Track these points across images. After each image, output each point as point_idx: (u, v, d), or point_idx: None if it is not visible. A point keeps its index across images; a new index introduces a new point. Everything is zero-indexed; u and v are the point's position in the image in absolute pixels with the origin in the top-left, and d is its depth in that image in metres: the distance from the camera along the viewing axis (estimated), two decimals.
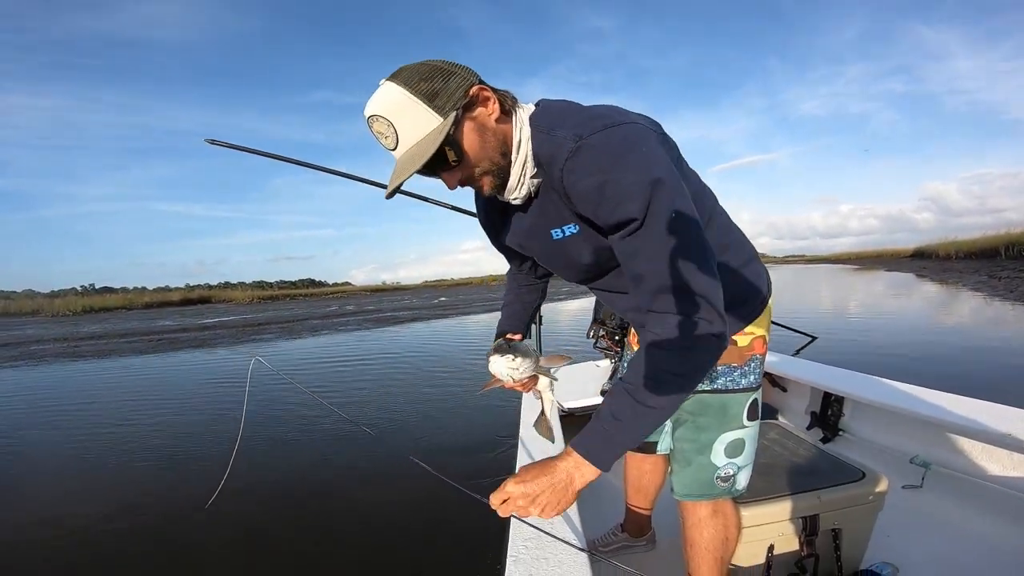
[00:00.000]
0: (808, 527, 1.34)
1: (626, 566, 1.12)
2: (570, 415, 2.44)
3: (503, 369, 0.97)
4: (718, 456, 1.08)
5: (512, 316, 1.21)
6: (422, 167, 0.77)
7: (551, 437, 1.12)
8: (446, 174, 0.82)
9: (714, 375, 1.08)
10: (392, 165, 0.81)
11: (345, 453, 3.71)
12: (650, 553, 1.66)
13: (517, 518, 1.25)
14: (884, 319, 8.47)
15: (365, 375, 6.64)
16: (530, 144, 0.83)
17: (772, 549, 1.35)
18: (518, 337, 1.13)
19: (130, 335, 15.47)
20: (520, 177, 0.85)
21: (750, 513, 1.31)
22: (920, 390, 2.01)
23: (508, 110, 0.84)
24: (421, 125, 0.76)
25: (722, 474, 1.08)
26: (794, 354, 5.75)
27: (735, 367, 1.08)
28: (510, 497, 0.79)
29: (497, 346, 0.99)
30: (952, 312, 9.00)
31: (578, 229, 0.86)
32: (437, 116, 0.76)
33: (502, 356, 0.96)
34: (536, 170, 0.85)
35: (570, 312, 13.26)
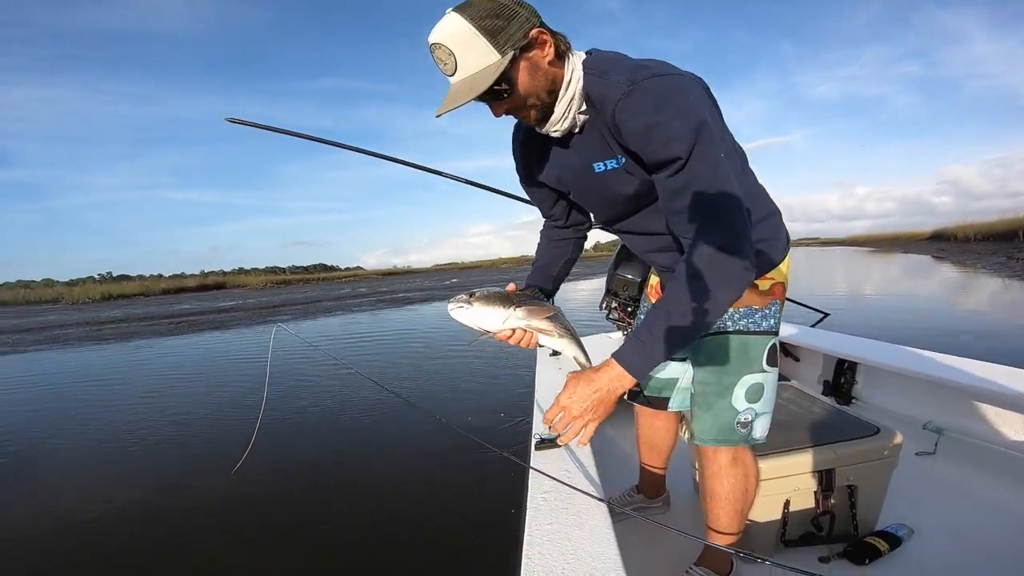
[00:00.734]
0: (824, 482, 1.35)
1: (647, 518, 1.13)
2: None
3: (456, 315, 0.98)
4: (739, 400, 1.09)
5: (536, 271, 1.23)
6: (479, 97, 0.84)
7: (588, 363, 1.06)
8: (495, 103, 0.89)
9: (736, 316, 1.10)
10: (445, 91, 0.88)
11: (367, 416, 3.84)
12: (665, 514, 1.69)
13: (548, 444, 1.32)
14: (898, 297, 8.37)
15: (381, 348, 6.76)
16: (580, 84, 0.90)
17: (788, 505, 1.36)
18: (510, 288, 1.09)
19: (150, 318, 15.77)
20: (565, 112, 0.91)
21: (766, 465, 1.32)
22: (934, 355, 1.99)
23: (562, 53, 0.90)
24: (480, 58, 0.82)
25: (742, 419, 1.10)
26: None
27: (755, 309, 1.10)
28: (565, 407, 0.90)
29: (457, 296, 1.00)
30: (966, 290, 8.86)
31: (623, 162, 0.93)
32: (496, 53, 0.82)
33: (455, 304, 0.98)
34: (584, 107, 0.92)
35: (583, 289, 13.28)
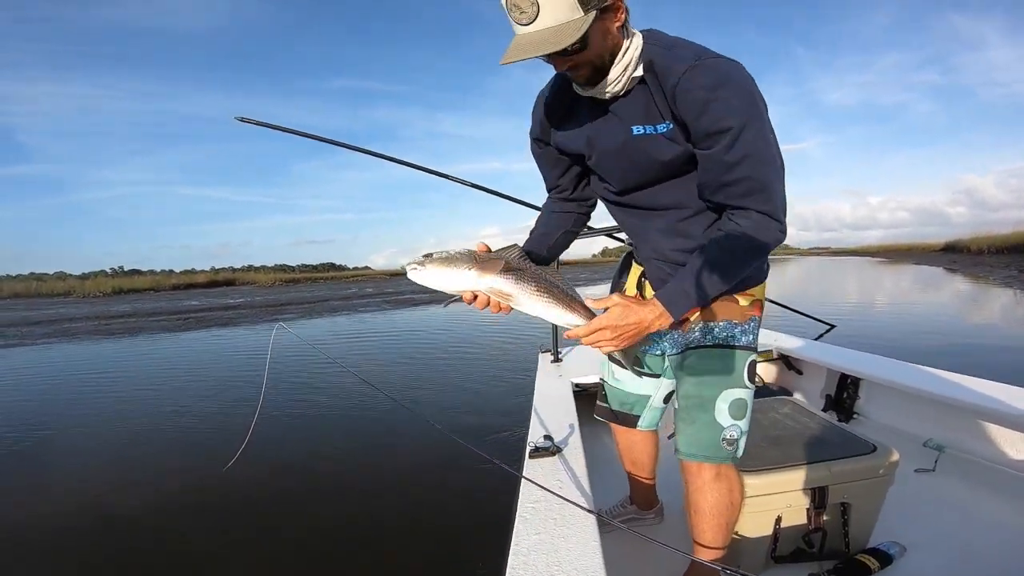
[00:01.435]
0: (817, 499, 1.35)
1: (634, 530, 1.13)
2: (583, 391, 2.44)
3: (412, 277, 0.96)
4: (723, 415, 1.10)
5: (533, 238, 1.22)
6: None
7: (587, 317, 1.01)
8: (561, 59, 0.91)
9: (716, 330, 1.11)
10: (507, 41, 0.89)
11: (362, 418, 3.87)
12: (658, 526, 1.69)
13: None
14: (906, 310, 8.29)
15: (383, 349, 6.79)
16: (638, 52, 0.95)
17: (780, 521, 1.36)
18: (480, 247, 1.01)
19: (158, 314, 15.92)
20: (619, 76, 0.95)
21: (759, 481, 1.32)
22: (937, 372, 1.99)
23: (625, 24, 0.94)
24: (563, 12, 0.83)
25: (727, 436, 1.11)
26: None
27: (736, 323, 1.12)
28: (600, 328, 0.95)
29: (416, 257, 0.97)
30: (975, 303, 8.76)
31: (669, 128, 0.96)
32: (580, 10, 0.84)
33: (411, 265, 0.95)
34: (640, 72, 0.96)
35: (590, 295, 13.23)
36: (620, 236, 2.87)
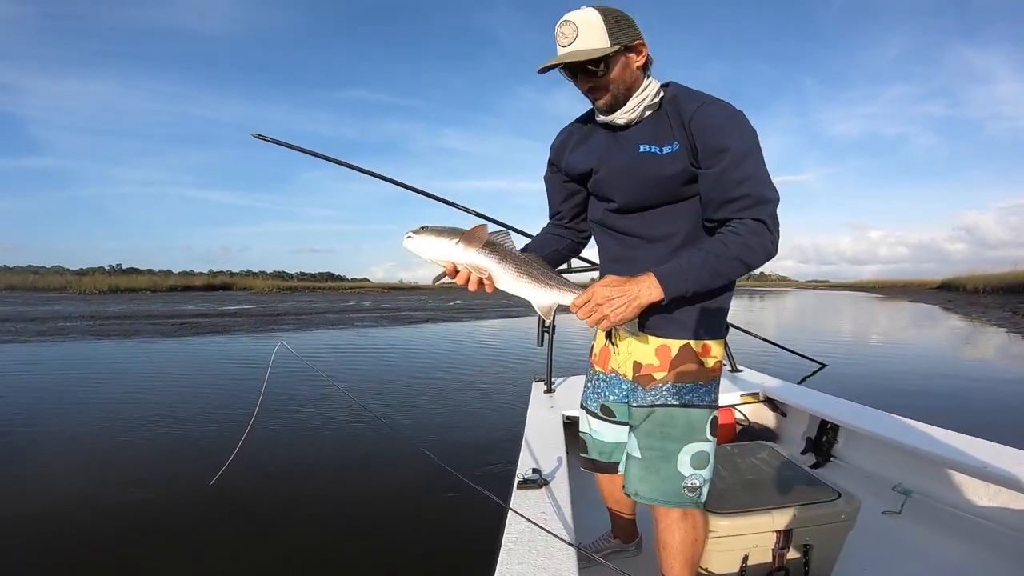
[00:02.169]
0: (782, 540, 1.45)
1: (610, 563, 1.21)
2: (573, 423, 2.51)
3: (406, 245, 1.08)
4: (684, 466, 1.19)
5: (526, 250, 1.32)
6: (577, 65, 1.12)
7: (567, 293, 1.11)
8: (586, 78, 1.15)
9: (683, 391, 1.20)
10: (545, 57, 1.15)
11: (356, 441, 3.86)
12: (638, 557, 1.76)
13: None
14: (898, 351, 8.40)
15: (380, 370, 6.81)
16: (655, 91, 1.18)
17: (746, 559, 1.45)
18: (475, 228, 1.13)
19: (154, 317, 15.93)
20: (636, 106, 1.17)
21: (730, 523, 1.42)
22: (908, 421, 2.10)
23: (646, 67, 1.19)
24: (595, 41, 1.09)
25: (689, 484, 1.19)
26: (801, 381, 5.82)
27: (700, 385, 1.21)
28: (592, 297, 1.05)
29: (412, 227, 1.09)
30: (967, 347, 8.87)
31: (676, 148, 1.13)
32: (607, 42, 1.09)
33: (407, 234, 1.07)
34: (656, 106, 1.18)
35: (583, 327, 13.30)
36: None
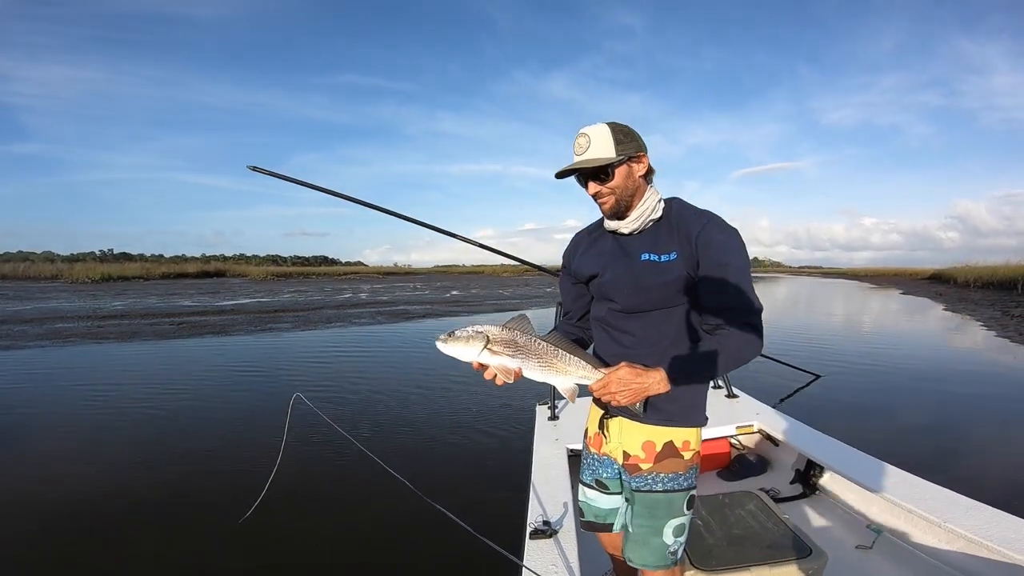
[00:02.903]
0: None
1: None
2: (577, 456, 2.57)
3: (440, 347, 1.21)
4: (668, 537, 1.41)
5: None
6: (588, 171, 1.31)
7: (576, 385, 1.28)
8: (594, 182, 1.33)
9: (666, 480, 1.41)
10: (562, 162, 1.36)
11: (375, 495, 3.63)
12: None
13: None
14: (890, 365, 8.50)
15: (377, 389, 6.75)
16: (657, 203, 1.36)
17: None
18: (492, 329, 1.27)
19: (152, 316, 15.87)
20: (639, 216, 1.35)
21: None
22: (887, 467, 2.35)
23: (648, 177, 1.37)
24: (603, 151, 1.29)
25: (672, 549, 1.42)
26: (795, 392, 6.05)
27: (680, 474, 1.41)
28: (609, 382, 1.19)
29: (443, 333, 1.21)
30: (955, 361, 8.99)
31: (674, 258, 1.30)
32: (614, 152, 1.29)
33: (440, 339, 1.20)
34: (660, 218, 1.36)
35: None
36: None
